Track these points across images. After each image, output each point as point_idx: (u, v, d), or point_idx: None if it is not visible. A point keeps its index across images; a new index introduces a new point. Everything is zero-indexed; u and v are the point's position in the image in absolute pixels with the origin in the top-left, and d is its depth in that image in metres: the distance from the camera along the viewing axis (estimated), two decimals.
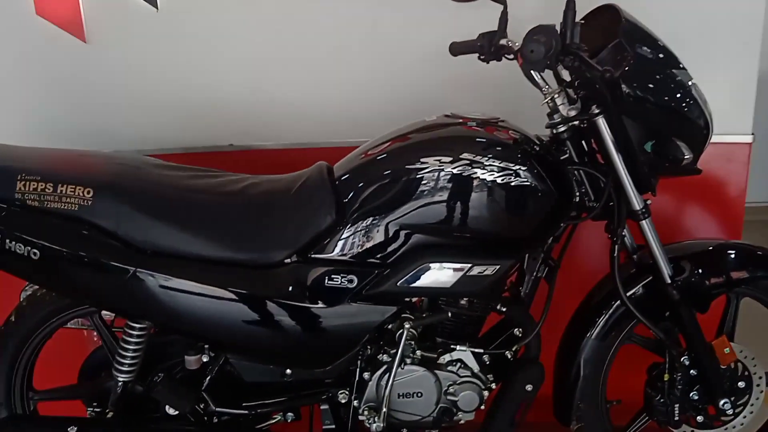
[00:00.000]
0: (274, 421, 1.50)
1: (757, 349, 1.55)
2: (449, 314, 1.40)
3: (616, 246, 1.40)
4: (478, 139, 1.33)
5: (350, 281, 1.34)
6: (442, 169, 1.30)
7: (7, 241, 1.28)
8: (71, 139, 1.96)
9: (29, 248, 1.28)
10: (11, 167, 1.31)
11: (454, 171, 1.29)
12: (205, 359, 1.40)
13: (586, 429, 1.58)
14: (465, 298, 1.42)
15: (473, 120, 1.39)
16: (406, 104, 1.98)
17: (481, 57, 1.53)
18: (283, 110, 2.02)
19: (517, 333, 1.48)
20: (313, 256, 1.35)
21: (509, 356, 1.48)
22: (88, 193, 1.29)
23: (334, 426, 1.48)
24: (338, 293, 1.35)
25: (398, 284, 1.34)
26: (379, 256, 1.34)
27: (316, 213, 1.34)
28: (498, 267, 1.35)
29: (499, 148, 1.31)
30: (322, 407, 1.48)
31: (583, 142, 1.44)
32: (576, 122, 1.38)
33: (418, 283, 1.35)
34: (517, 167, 1.30)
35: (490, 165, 1.29)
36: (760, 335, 1.68)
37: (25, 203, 1.29)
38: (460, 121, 1.39)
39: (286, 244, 1.34)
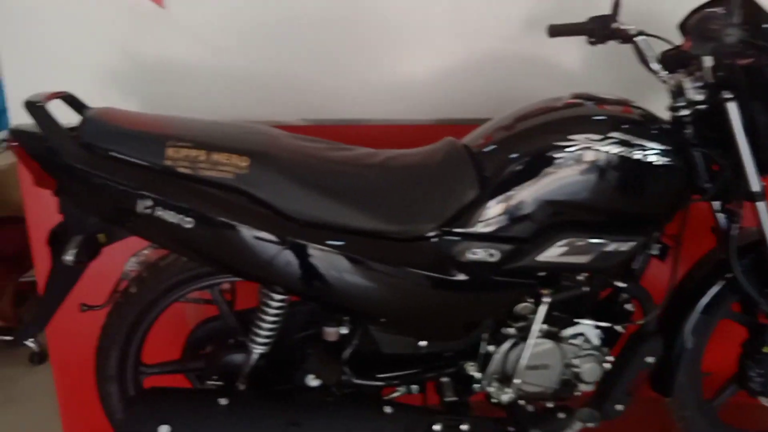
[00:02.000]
0: (397, 393, 1.52)
1: None
2: (586, 290, 1.43)
3: (735, 225, 1.47)
4: (624, 119, 1.37)
5: (491, 255, 1.37)
6: (590, 147, 1.33)
7: (158, 208, 1.25)
8: (145, 107, 1.91)
9: (182, 216, 1.25)
10: (159, 134, 1.28)
11: (602, 149, 1.33)
12: (343, 331, 1.40)
13: (681, 401, 1.66)
14: (584, 273, 1.47)
15: (607, 100, 1.42)
16: (491, 83, 2.02)
17: (591, 40, 1.58)
18: (359, 85, 2.01)
19: (629, 308, 1.54)
20: (455, 230, 1.36)
21: (620, 330, 1.53)
22: (245, 161, 1.27)
23: (456, 398, 1.51)
24: (480, 267, 1.37)
25: (537, 259, 1.38)
26: (520, 230, 1.37)
27: (461, 186, 1.36)
28: (633, 244, 1.40)
29: (644, 128, 1.36)
30: (442, 380, 1.51)
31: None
32: (701, 105, 1.43)
33: (556, 259, 1.38)
34: (662, 147, 1.34)
35: (637, 144, 1.33)
36: None
37: (174, 170, 1.26)
38: (596, 100, 1.42)
39: (432, 217, 1.35)
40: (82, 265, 1.31)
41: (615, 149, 1.33)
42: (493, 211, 1.36)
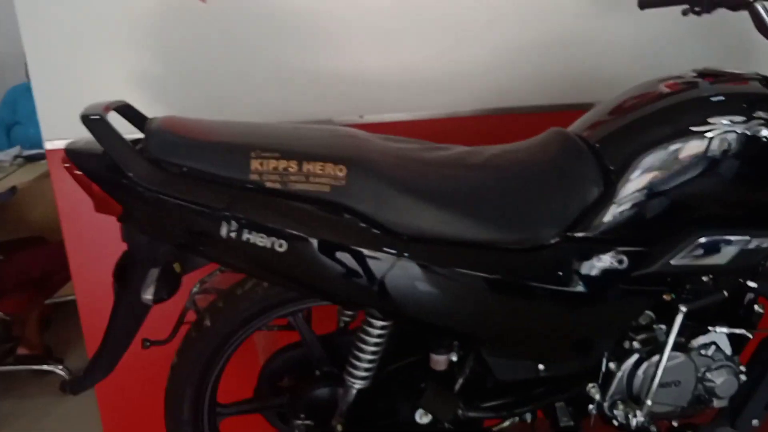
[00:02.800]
0: (506, 423, 1.35)
1: None
2: (721, 293, 1.26)
3: None
4: (766, 96, 1.19)
5: (620, 262, 1.19)
6: (734, 130, 1.15)
7: (245, 231, 1.07)
8: (185, 108, 1.73)
9: (274, 239, 1.07)
10: (240, 143, 1.10)
11: (748, 132, 1.15)
12: (453, 358, 1.23)
13: None
14: (709, 275, 1.29)
15: (738, 75, 1.25)
16: (555, 68, 1.86)
17: (696, 9, 1.41)
18: (418, 79, 1.84)
19: (759, 309, 1.37)
20: (580, 234, 1.18)
21: (750, 335, 1.36)
22: (341, 171, 1.09)
23: (572, 423, 1.34)
24: (607, 276, 1.20)
25: (672, 263, 1.20)
26: (651, 231, 1.20)
27: (583, 184, 1.18)
28: None
29: None
30: (557, 404, 1.34)
31: None
32: None
33: (692, 261, 1.21)
34: None
35: None
36: None
37: (263, 186, 1.08)
38: (727, 76, 1.24)
39: (553, 221, 1.18)
40: (161, 302, 1.13)
41: (761, 131, 1.15)
42: (621, 210, 1.18)
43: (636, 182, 1.18)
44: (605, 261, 1.19)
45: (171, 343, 1.32)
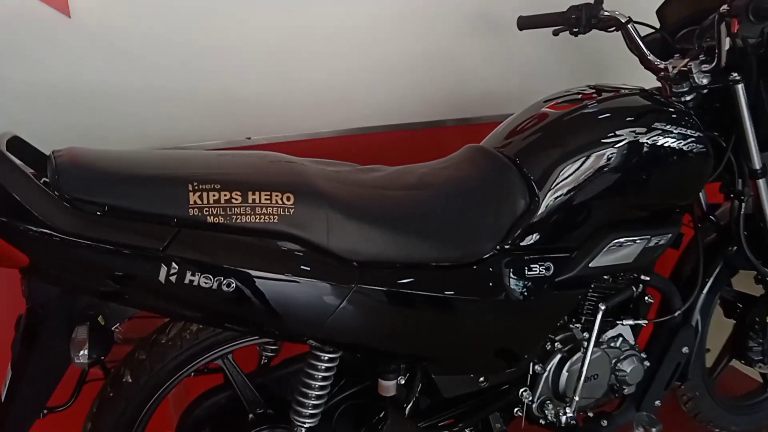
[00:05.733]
0: None
1: None
2: (633, 289, 1.38)
3: (743, 203, 1.50)
4: (662, 109, 1.32)
5: (547, 269, 1.26)
6: (638, 140, 1.26)
7: (188, 273, 0.96)
8: (59, 139, 1.53)
9: (221, 279, 0.98)
10: (176, 175, 0.99)
11: (648, 141, 1.27)
12: (401, 381, 1.21)
13: (691, 383, 1.68)
14: (617, 273, 1.41)
15: (626, 90, 1.37)
16: (439, 87, 1.93)
17: (574, 30, 1.54)
18: (303, 99, 1.80)
19: (649, 300, 1.51)
20: (511, 246, 1.23)
21: (644, 324, 1.50)
22: (288, 199, 1.02)
23: (505, 428, 1.38)
24: (536, 283, 1.25)
25: (589, 266, 1.29)
26: (571, 237, 1.27)
27: (511, 197, 1.23)
28: (670, 236, 1.37)
29: (677, 116, 1.32)
30: (490, 416, 1.38)
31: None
32: (704, 90, 1.44)
33: (605, 263, 1.31)
34: (696, 133, 1.32)
35: (678, 133, 1.29)
36: None
37: (204, 220, 0.98)
38: (615, 90, 1.36)
39: (490, 235, 1.20)
40: (97, 364, 0.98)
41: (660, 140, 1.27)
42: (545, 219, 1.24)
43: (557, 193, 1.24)
44: (535, 269, 1.24)
45: (71, 408, 1.15)
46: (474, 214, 1.19)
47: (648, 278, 1.45)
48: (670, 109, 1.34)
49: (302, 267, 1.02)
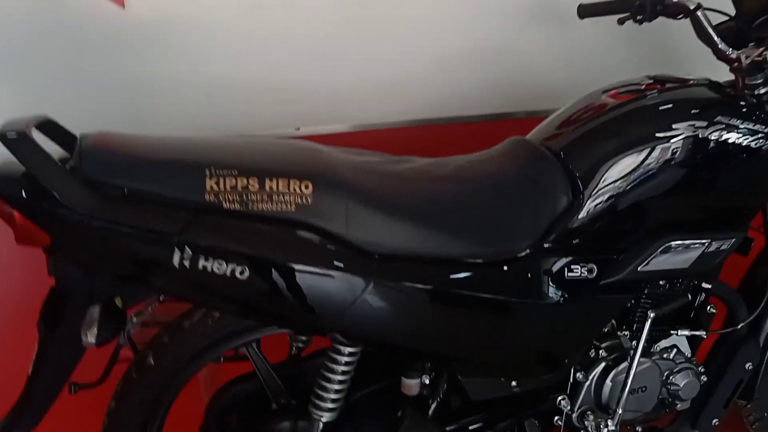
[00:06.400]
0: None
1: None
2: (685, 296, 1.27)
3: None
4: (725, 101, 1.21)
5: (590, 271, 1.17)
6: (697, 135, 1.16)
7: (201, 258, 0.95)
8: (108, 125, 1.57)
9: (234, 266, 0.96)
10: (191, 161, 0.98)
11: (710, 136, 1.16)
12: (426, 381, 1.16)
13: (759, 402, 1.54)
14: (673, 279, 1.30)
15: (691, 80, 1.26)
16: (492, 77, 1.85)
17: (638, 18, 1.43)
18: (353, 89, 1.77)
19: (712, 310, 1.39)
20: (549, 245, 1.15)
21: (704, 336, 1.38)
22: (306, 188, 0.99)
23: None
24: (578, 285, 1.17)
25: (638, 269, 1.19)
26: (618, 238, 1.18)
27: (552, 193, 1.15)
28: (734, 240, 1.25)
29: (745, 110, 1.20)
30: (526, 421, 1.30)
31: None
32: None
33: (657, 267, 1.21)
34: (765, 129, 1.19)
35: (744, 128, 1.17)
36: None
37: (220, 207, 0.97)
38: (680, 81, 1.25)
39: (525, 232, 1.13)
40: (106, 344, 0.99)
41: (722, 135, 1.16)
42: (589, 218, 1.16)
43: (603, 190, 1.15)
44: (575, 270, 1.16)
45: (103, 386, 1.17)
46: (508, 210, 1.13)
47: (710, 286, 1.33)
48: (740, 102, 1.22)
49: (318, 257, 0.99)
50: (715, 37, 1.31)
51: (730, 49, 1.30)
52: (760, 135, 1.19)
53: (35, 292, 1.06)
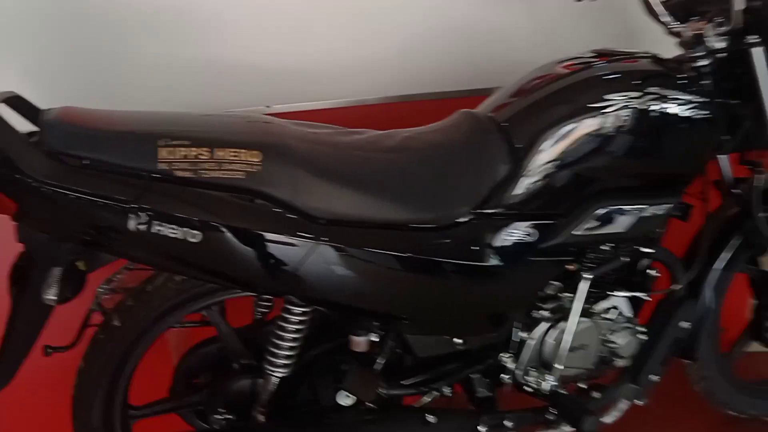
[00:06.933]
0: (427, 399, 1.38)
1: None
2: (624, 261, 1.34)
3: (759, 175, 1.43)
4: (658, 73, 1.28)
5: (529, 235, 1.25)
6: (628, 106, 1.23)
7: (155, 223, 1.03)
8: (83, 102, 1.64)
9: (187, 230, 1.03)
10: (146, 132, 1.05)
11: (641, 107, 1.23)
12: (373, 339, 1.24)
13: (702, 362, 1.63)
14: (610, 243, 1.38)
15: (630, 54, 1.33)
16: (459, 55, 1.90)
17: None
18: (323, 67, 1.83)
19: (653, 273, 1.47)
20: (489, 210, 1.22)
21: (646, 298, 1.46)
22: (256, 157, 1.06)
23: (489, 394, 1.39)
24: (517, 248, 1.24)
25: (575, 233, 1.27)
26: (556, 204, 1.26)
27: (492, 162, 1.22)
28: (669, 206, 1.32)
29: (678, 81, 1.27)
30: (473, 376, 1.39)
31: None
32: (721, 54, 1.37)
33: (594, 231, 1.28)
34: (698, 99, 1.26)
35: (675, 98, 1.24)
36: None
37: (173, 175, 1.04)
38: (621, 55, 1.32)
39: (465, 199, 1.21)
40: (66, 302, 1.06)
41: (653, 105, 1.23)
42: (528, 185, 1.23)
43: (541, 159, 1.23)
44: (515, 234, 1.24)
45: (75, 348, 1.25)
46: (450, 179, 1.20)
47: (651, 251, 1.41)
48: (676, 75, 1.29)
49: (266, 222, 1.06)
50: (661, 11, 1.38)
51: (676, 22, 1.37)
52: (692, 105, 1.26)
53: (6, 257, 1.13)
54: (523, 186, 1.23)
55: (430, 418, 1.27)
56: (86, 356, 1.24)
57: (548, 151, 1.23)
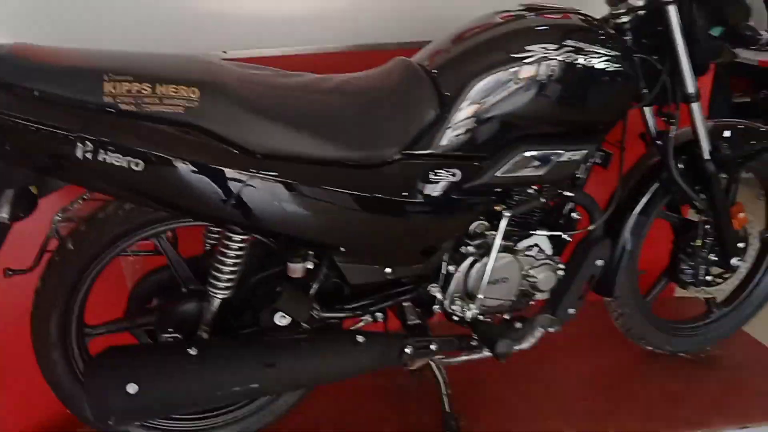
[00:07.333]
0: (362, 323, 1.51)
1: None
2: (542, 201, 1.46)
3: (673, 127, 1.54)
4: (576, 27, 1.37)
5: (454, 175, 1.35)
6: (547, 57, 1.33)
7: (101, 151, 1.12)
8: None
9: (130, 158, 1.13)
10: (94, 67, 1.14)
11: (559, 58, 1.33)
12: (309, 266, 1.36)
13: (620, 300, 1.77)
14: (534, 186, 1.49)
15: (553, 9, 1.42)
16: (421, 7, 1.98)
17: None
18: (279, 15, 1.90)
19: (576, 216, 1.59)
20: (418, 151, 1.33)
21: (568, 238, 1.59)
22: (194, 93, 1.15)
23: (419, 321, 1.52)
24: (443, 187, 1.35)
25: (497, 174, 1.38)
26: (479, 147, 1.36)
27: (421, 107, 1.32)
28: (585, 152, 1.43)
29: (595, 35, 1.36)
30: (405, 304, 1.51)
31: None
32: (641, 11, 1.47)
33: (515, 173, 1.39)
34: (614, 53, 1.36)
35: (591, 51, 1.34)
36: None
37: (117, 107, 1.13)
38: (544, 10, 1.41)
39: (394, 140, 1.31)
40: (17, 220, 1.16)
41: (570, 57, 1.33)
42: (454, 129, 1.33)
43: (466, 105, 1.33)
44: (440, 174, 1.35)
45: (35, 272, 1.35)
46: (379, 120, 1.30)
47: (571, 194, 1.53)
48: (593, 29, 1.39)
49: (202, 153, 1.16)
50: None
51: None
52: (606, 58, 1.36)
53: None
54: (449, 130, 1.33)
55: (360, 338, 1.39)
56: (43, 277, 1.35)
57: (472, 99, 1.33)
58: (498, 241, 1.43)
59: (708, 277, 1.79)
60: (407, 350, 1.45)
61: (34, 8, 1.69)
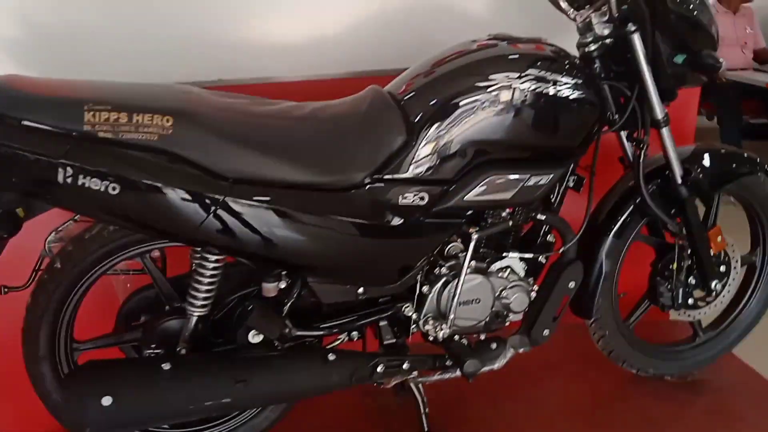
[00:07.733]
0: (338, 342, 1.56)
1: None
2: (510, 224, 1.51)
3: (643, 151, 1.58)
4: (539, 56, 1.43)
5: (422, 198, 1.41)
6: (510, 85, 1.38)
7: (80, 176, 1.21)
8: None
9: (107, 183, 1.21)
10: (75, 98, 1.23)
11: (521, 86, 1.38)
12: (282, 285, 1.42)
13: (600, 322, 1.79)
14: (507, 209, 1.54)
15: (521, 39, 1.48)
16: (400, 35, 2.05)
17: None
18: (275, 42, 1.99)
19: (551, 239, 1.63)
20: (386, 176, 1.39)
21: (543, 260, 1.63)
22: (167, 121, 1.24)
23: (394, 340, 1.57)
24: (411, 210, 1.41)
25: (465, 198, 1.43)
26: (447, 172, 1.41)
27: (389, 133, 1.38)
28: (552, 176, 1.48)
29: (558, 64, 1.42)
30: (381, 324, 1.56)
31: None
32: (608, 40, 1.52)
33: (482, 197, 1.44)
34: (575, 81, 1.42)
35: (552, 80, 1.40)
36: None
37: (96, 135, 1.22)
38: (511, 39, 1.47)
39: (363, 165, 1.37)
40: (3, 241, 1.25)
41: (532, 86, 1.38)
42: (421, 155, 1.39)
43: (433, 131, 1.39)
44: (409, 198, 1.40)
45: (29, 289, 1.44)
46: (348, 146, 1.36)
47: (543, 216, 1.57)
48: (558, 59, 1.44)
49: (176, 178, 1.24)
50: (560, 1, 1.52)
51: (571, 9, 1.52)
52: (568, 86, 1.41)
53: None
54: (416, 155, 1.39)
55: (331, 356, 1.45)
56: (33, 293, 1.43)
57: (438, 125, 1.39)
58: (467, 262, 1.48)
59: (690, 300, 1.80)
60: (379, 369, 1.50)
61: (29, 40, 1.80)
